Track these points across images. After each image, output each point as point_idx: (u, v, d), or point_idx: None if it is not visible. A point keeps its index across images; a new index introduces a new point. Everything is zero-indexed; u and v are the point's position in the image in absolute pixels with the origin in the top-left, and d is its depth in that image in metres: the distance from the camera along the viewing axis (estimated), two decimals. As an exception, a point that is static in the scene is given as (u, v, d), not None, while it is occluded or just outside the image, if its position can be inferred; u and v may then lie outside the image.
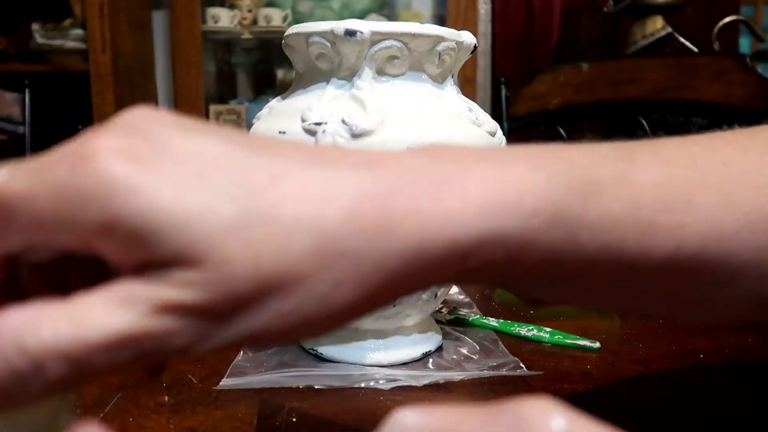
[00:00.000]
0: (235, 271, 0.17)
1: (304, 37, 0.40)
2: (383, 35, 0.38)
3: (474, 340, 0.48)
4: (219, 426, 0.35)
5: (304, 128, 0.38)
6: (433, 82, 0.42)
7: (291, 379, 0.41)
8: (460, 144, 0.22)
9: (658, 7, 1.64)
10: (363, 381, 0.40)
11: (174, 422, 0.36)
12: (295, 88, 0.44)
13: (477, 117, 0.41)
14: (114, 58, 1.79)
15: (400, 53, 0.39)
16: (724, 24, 1.51)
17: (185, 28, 1.85)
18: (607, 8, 1.75)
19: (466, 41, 0.42)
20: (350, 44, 0.38)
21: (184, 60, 1.87)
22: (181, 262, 0.17)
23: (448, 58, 0.41)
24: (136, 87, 1.97)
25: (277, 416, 0.36)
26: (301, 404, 0.38)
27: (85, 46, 1.79)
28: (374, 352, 0.44)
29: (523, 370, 0.43)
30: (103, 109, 1.79)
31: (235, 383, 0.40)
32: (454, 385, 0.41)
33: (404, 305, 0.42)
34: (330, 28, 0.38)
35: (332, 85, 0.40)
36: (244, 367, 0.42)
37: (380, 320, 0.43)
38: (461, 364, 0.44)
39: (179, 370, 0.43)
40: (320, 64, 0.41)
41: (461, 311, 0.54)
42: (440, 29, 0.40)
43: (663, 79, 0.98)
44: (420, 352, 0.45)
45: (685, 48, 1.57)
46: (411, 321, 0.45)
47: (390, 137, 0.37)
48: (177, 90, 1.89)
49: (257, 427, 0.35)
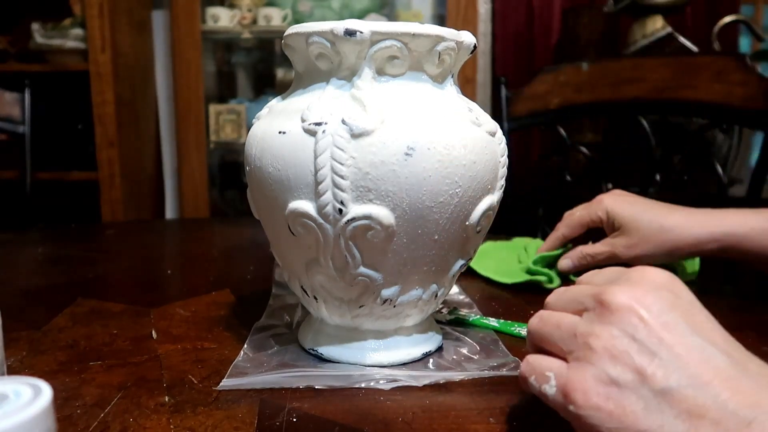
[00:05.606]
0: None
1: (304, 37, 0.40)
2: (383, 35, 0.38)
3: (474, 340, 0.48)
4: (219, 426, 0.35)
5: (304, 128, 0.38)
6: (433, 82, 0.42)
7: (291, 380, 0.41)
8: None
9: (658, 7, 1.63)
10: (363, 381, 0.40)
11: (174, 422, 0.36)
12: (295, 88, 0.44)
13: (477, 117, 0.41)
14: (114, 58, 1.79)
15: (400, 53, 0.39)
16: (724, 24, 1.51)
17: (185, 27, 1.85)
18: (607, 8, 1.75)
19: (466, 41, 0.42)
20: (350, 44, 0.38)
21: (184, 60, 1.86)
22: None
23: (448, 58, 0.41)
24: (136, 87, 1.97)
25: (277, 416, 0.36)
26: (301, 404, 0.38)
27: (85, 45, 1.79)
28: (374, 352, 0.44)
29: (523, 370, 0.43)
30: (103, 109, 1.79)
31: (235, 383, 0.40)
32: (454, 385, 0.41)
33: (404, 305, 0.42)
34: (330, 28, 0.38)
35: (332, 85, 0.40)
36: (244, 367, 0.42)
37: (380, 320, 0.43)
38: (461, 364, 0.44)
39: (179, 370, 0.43)
40: (320, 64, 0.41)
41: (461, 311, 0.54)
42: (440, 29, 0.40)
43: (663, 79, 0.98)
44: (420, 352, 0.45)
45: (685, 48, 1.57)
46: (411, 321, 0.45)
47: (390, 137, 0.37)
48: (177, 90, 1.89)
49: (257, 427, 0.35)
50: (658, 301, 0.29)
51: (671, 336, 0.27)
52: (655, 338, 0.27)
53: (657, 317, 0.28)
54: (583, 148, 1.11)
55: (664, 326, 0.28)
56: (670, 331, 0.28)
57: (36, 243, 0.89)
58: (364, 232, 0.38)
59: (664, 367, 0.27)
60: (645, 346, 0.27)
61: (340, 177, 0.37)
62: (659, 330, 0.28)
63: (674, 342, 0.27)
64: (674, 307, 0.29)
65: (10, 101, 1.16)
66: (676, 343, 0.27)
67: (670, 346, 0.27)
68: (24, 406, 0.22)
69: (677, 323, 0.28)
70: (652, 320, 0.28)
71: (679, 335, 0.27)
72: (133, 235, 1.01)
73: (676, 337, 0.27)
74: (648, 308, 0.28)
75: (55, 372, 0.42)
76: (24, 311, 0.56)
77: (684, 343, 0.27)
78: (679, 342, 0.27)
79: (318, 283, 0.42)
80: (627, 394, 0.27)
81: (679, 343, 0.27)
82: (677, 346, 0.27)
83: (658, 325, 0.28)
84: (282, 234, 0.41)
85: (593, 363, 0.28)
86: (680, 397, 0.26)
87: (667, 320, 0.28)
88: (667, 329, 0.28)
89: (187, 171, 1.92)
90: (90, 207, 1.85)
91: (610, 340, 0.28)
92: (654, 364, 0.27)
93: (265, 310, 0.54)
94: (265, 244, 0.49)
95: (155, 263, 0.81)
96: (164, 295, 0.63)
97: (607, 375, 0.28)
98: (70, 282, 0.66)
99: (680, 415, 0.26)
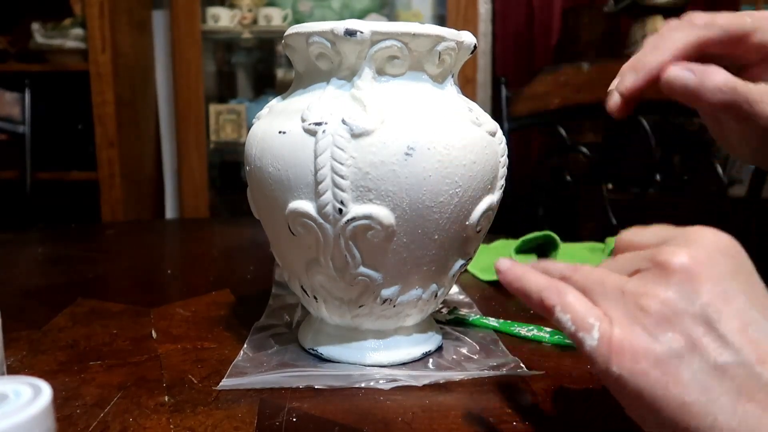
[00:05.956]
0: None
1: (304, 37, 0.40)
2: (383, 35, 0.38)
3: (474, 340, 0.48)
4: (219, 426, 0.35)
5: (304, 128, 0.38)
6: (433, 82, 0.42)
7: (291, 379, 0.41)
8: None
9: (658, 7, 1.63)
10: (363, 381, 0.40)
11: (174, 422, 0.36)
12: (295, 88, 0.44)
13: (477, 117, 0.41)
14: (114, 57, 1.79)
15: (400, 53, 0.39)
16: (724, 24, 1.51)
17: (185, 27, 1.85)
18: (607, 8, 1.75)
19: (466, 41, 0.42)
20: (350, 44, 0.38)
21: (184, 60, 1.86)
22: None
23: (448, 58, 0.41)
24: (136, 87, 1.97)
25: (277, 416, 0.36)
26: (301, 404, 0.38)
27: (85, 45, 1.79)
28: (374, 352, 0.44)
29: (523, 370, 0.43)
30: (103, 109, 1.79)
31: (235, 383, 0.40)
32: (454, 385, 0.41)
33: (404, 305, 0.42)
34: (330, 28, 0.38)
35: (332, 85, 0.40)
36: (244, 367, 0.42)
37: (380, 320, 0.43)
38: (461, 364, 0.44)
39: (179, 370, 0.43)
40: (320, 64, 0.41)
41: (461, 311, 0.54)
42: (440, 29, 0.40)
43: (663, 79, 0.98)
44: (420, 352, 0.45)
45: (685, 48, 1.57)
46: (411, 321, 0.44)
47: (390, 137, 0.37)
48: (177, 90, 1.89)
49: (257, 427, 0.35)
50: (719, 266, 0.27)
51: (730, 308, 0.26)
52: (714, 308, 0.26)
53: (717, 284, 0.26)
54: (583, 148, 1.10)
55: (723, 295, 0.26)
56: (729, 302, 0.26)
57: (36, 243, 0.89)
58: (364, 231, 0.38)
59: (718, 341, 0.25)
60: (702, 315, 0.26)
61: (340, 177, 0.37)
62: (718, 299, 0.26)
63: (732, 315, 0.26)
64: (736, 275, 0.27)
65: (10, 101, 1.16)
66: (734, 317, 0.26)
67: (728, 319, 0.26)
68: (24, 406, 0.22)
69: (737, 294, 0.26)
70: (712, 287, 0.26)
71: (737, 308, 0.26)
72: (133, 235, 1.01)
73: (734, 310, 0.26)
74: (709, 274, 0.26)
75: (55, 372, 0.42)
76: (24, 311, 0.56)
77: (742, 317, 0.26)
78: (737, 316, 0.26)
79: (318, 283, 0.42)
80: (676, 363, 0.26)
81: (736, 317, 0.26)
82: (734, 320, 0.26)
83: (718, 294, 0.26)
84: (282, 234, 0.41)
85: (644, 325, 0.27)
86: (731, 375, 0.25)
87: (728, 289, 0.26)
88: (727, 300, 0.26)
89: (187, 171, 1.92)
90: (90, 207, 1.85)
91: (666, 302, 0.26)
92: (709, 336, 0.25)
93: (265, 310, 0.54)
94: (265, 244, 0.49)
95: (155, 263, 0.81)
96: (164, 295, 0.63)
97: (658, 339, 0.26)
98: (70, 282, 0.66)
99: (728, 392, 0.25)
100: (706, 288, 0.26)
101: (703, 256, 0.27)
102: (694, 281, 0.26)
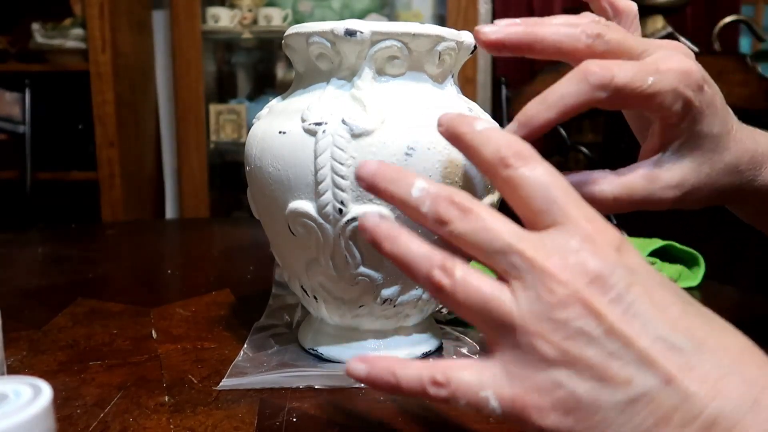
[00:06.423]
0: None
1: (304, 37, 0.40)
2: (383, 35, 0.38)
3: (474, 340, 0.48)
4: (219, 426, 0.35)
5: (304, 128, 0.38)
6: (433, 82, 0.42)
7: (291, 379, 0.41)
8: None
9: (658, 7, 1.63)
10: (363, 381, 0.40)
11: (174, 422, 0.36)
12: (295, 88, 0.44)
13: (477, 117, 0.41)
14: (114, 57, 1.79)
15: (400, 53, 0.39)
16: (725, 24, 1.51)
17: (185, 27, 1.85)
18: (607, 8, 1.74)
19: (466, 41, 0.42)
20: (350, 44, 0.38)
21: (184, 60, 1.87)
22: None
23: (448, 58, 0.41)
24: (136, 87, 1.97)
25: (277, 416, 0.36)
26: (301, 404, 0.38)
27: (85, 45, 1.79)
28: (374, 352, 0.44)
29: (523, 370, 0.43)
30: (103, 109, 1.79)
31: (235, 383, 0.40)
32: (454, 385, 0.41)
33: (404, 305, 0.42)
34: (330, 28, 0.38)
35: (332, 85, 0.40)
36: (244, 367, 0.42)
37: (380, 320, 0.43)
38: (461, 364, 0.44)
39: (179, 370, 0.43)
40: (320, 64, 0.41)
41: (461, 311, 0.54)
42: (440, 29, 0.40)
43: (663, 79, 0.98)
44: (420, 352, 0.45)
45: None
46: (411, 321, 0.44)
47: (390, 137, 0.37)
48: (177, 90, 1.89)
49: (257, 427, 0.35)
50: (613, 279, 0.24)
51: (632, 328, 0.23)
52: (615, 335, 0.23)
53: (614, 305, 0.24)
54: (583, 148, 1.10)
55: (623, 316, 0.24)
56: (629, 322, 0.24)
57: (36, 243, 0.89)
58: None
59: (627, 367, 0.23)
60: (603, 345, 0.23)
61: (341, 177, 0.37)
62: (618, 323, 0.23)
63: (635, 335, 0.23)
64: (631, 284, 0.24)
65: (10, 101, 1.16)
66: (638, 336, 0.23)
67: (630, 342, 0.23)
68: (24, 406, 0.22)
69: (637, 309, 0.24)
70: (607, 311, 0.23)
71: (640, 325, 0.24)
72: (133, 235, 1.01)
73: (636, 328, 0.23)
74: (604, 292, 0.24)
75: (55, 372, 0.42)
76: (24, 311, 0.56)
77: (646, 334, 0.24)
78: (640, 334, 0.23)
79: (318, 283, 0.42)
80: (587, 404, 0.23)
81: (641, 335, 0.23)
82: (640, 340, 0.23)
83: (617, 316, 0.23)
84: (282, 234, 0.41)
85: (538, 369, 0.24)
86: (647, 400, 0.23)
87: (626, 306, 0.24)
88: (627, 321, 0.23)
89: (187, 171, 1.92)
90: (90, 207, 1.85)
91: (561, 342, 0.24)
92: (616, 366, 0.23)
93: (265, 310, 0.54)
94: (265, 244, 0.49)
95: (155, 263, 0.81)
96: (164, 295, 0.63)
97: (560, 382, 0.24)
98: (70, 282, 0.66)
99: (647, 419, 0.23)
100: (600, 314, 0.24)
101: (594, 270, 0.24)
102: (584, 309, 0.24)
